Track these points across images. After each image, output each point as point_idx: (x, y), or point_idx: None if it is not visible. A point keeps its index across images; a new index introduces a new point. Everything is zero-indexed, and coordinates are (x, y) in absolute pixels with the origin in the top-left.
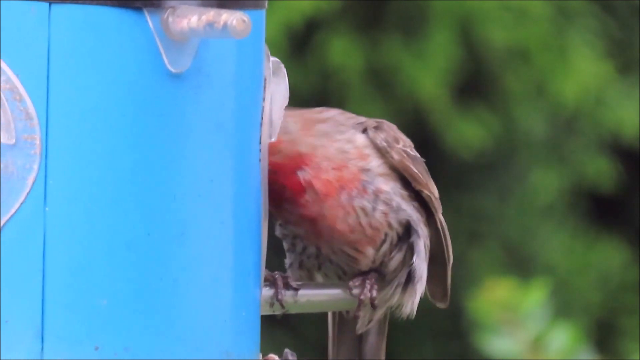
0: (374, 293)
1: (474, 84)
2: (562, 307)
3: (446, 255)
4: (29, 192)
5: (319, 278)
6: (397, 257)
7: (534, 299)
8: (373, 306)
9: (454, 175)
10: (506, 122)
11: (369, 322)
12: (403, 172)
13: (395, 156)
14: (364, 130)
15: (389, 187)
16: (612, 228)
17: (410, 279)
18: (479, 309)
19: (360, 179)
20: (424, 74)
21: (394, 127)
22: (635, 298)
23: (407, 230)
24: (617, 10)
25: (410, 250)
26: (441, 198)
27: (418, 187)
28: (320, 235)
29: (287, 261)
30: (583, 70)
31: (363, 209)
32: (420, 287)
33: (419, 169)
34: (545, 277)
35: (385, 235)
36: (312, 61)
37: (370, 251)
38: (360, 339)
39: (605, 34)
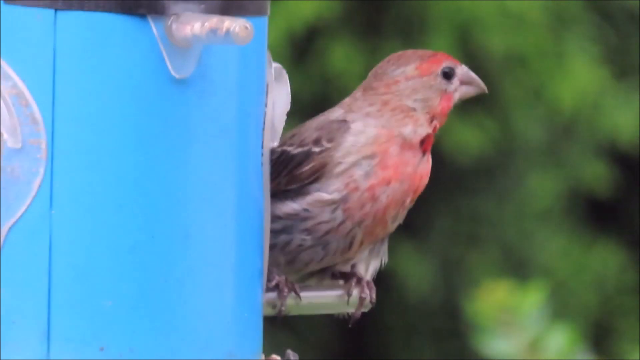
0: (373, 294)
1: None
2: (560, 309)
3: None
4: (35, 195)
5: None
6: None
7: (532, 301)
8: (373, 304)
9: (452, 179)
10: (504, 127)
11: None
12: None
13: None
14: None
15: None
16: (609, 231)
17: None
18: (477, 310)
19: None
20: None
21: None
22: (631, 300)
23: None
24: (614, 17)
25: None
26: (440, 201)
27: None
28: (361, 207)
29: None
30: (580, 76)
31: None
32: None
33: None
34: (542, 280)
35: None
36: (314, 67)
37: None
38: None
39: (602, 40)
